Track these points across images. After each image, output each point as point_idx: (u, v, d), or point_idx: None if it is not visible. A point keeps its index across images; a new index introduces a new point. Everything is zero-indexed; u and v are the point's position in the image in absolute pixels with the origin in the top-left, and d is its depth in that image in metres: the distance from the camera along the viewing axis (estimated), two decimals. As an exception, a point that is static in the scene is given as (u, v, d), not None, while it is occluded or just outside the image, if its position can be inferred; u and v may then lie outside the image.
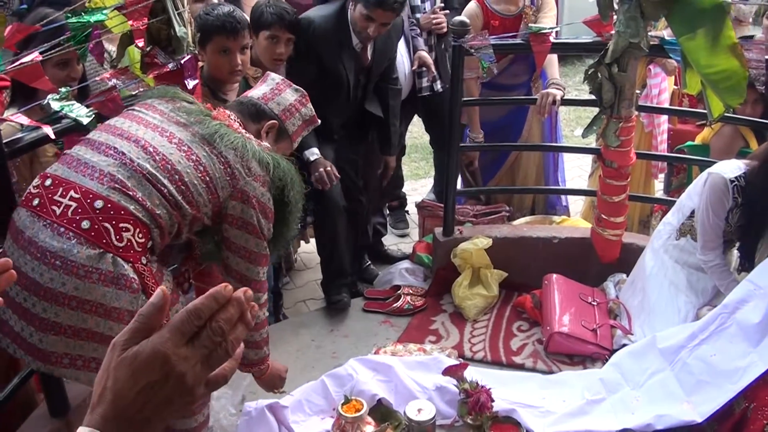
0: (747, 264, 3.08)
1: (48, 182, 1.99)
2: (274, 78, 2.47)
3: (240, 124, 2.28)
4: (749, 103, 3.57)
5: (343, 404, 2.59)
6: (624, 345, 3.12)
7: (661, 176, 4.79)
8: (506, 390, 2.85)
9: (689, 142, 4.05)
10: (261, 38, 3.18)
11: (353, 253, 3.83)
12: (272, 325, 3.44)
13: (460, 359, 3.07)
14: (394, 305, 3.51)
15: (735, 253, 3.22)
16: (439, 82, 4.11)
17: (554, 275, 3.44)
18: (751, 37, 3.85)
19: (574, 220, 4.19)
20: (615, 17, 3.08)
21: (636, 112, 3.34)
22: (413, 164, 6.25)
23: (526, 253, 3.66)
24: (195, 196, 2.07)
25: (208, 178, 2.09)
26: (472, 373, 2.77)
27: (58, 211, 1.93)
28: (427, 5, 4.13)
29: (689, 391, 2.75)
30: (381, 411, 2.74)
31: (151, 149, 2.04)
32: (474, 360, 3.17)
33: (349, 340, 3.34)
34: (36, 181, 2.02)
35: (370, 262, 4.20)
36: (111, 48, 3.06)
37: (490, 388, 2.68)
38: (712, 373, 2.73)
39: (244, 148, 2.15)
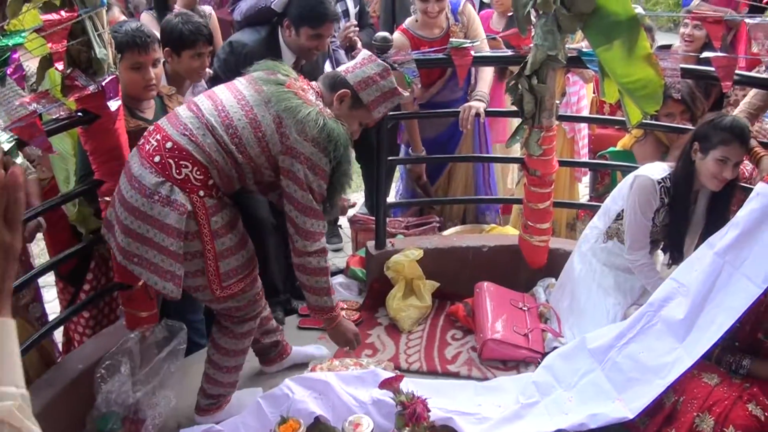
0: (677, 256, 3.21)
1: (151, 128, 2.55)
2: (363, 54, 2.70)
3: (317, 93, 2.61)
4: (677, 114, 3.70)
5: (279, 424, 2.57)
6: (555, 347, 3.20)
7: (585, 179, 4.93)
8: (442, 399, 2.88)
9: (611, 148, 4.17)
10: (185, 57, 3.17)
11: (285, 269, 3.82)
12: (206, 348, 3.40)
13: (397, 371, 3.09)
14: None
15: (660, 253, 3.34)
16: None
17: (485, 283, 3.50)
18: (669, 46, 4.01)
19: (503, 228, 4.28)
20: (533, 31, 3.16)
21: (557, 122, 3.43)
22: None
23: (457, 262, 3.72)
24: (247, 147, 2.47)
25: (260, 134, 2.47)
26: (408, 384, 2.79)
27: (147, 148, 2.48)
28: (342, 24, 4.19)
29: (620, 388, 2.83)
30: (319, 428, 2.74)
31: (221, 107, 2.48)
32: (410, 371, 3.19)
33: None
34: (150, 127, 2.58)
35: (304, 279, 4.20)
36: (31, 67, 2.99)
37: (426, 399, 2.71)
38: (641, 370, 2.82)
39: (298, 111, 2.45)
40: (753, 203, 2.77)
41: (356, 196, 5.78)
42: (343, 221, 4.91)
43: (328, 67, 3.99)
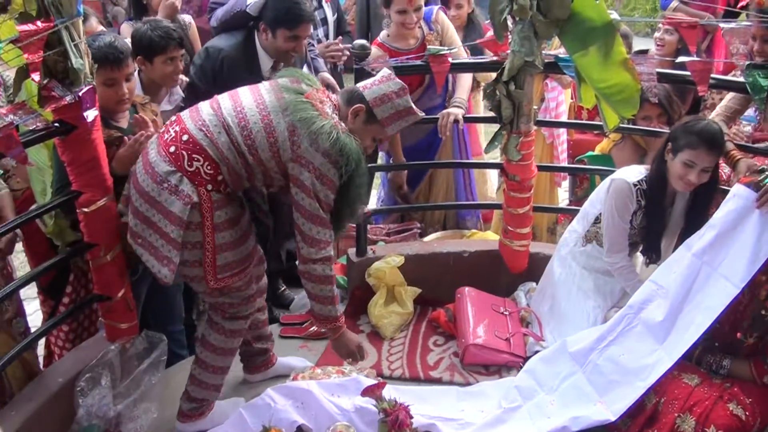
0: (655, 257, 3.24)
1: (173, 118, 2.65)
2: (383, 72, 2.74)
3: (335, 106, 2.67)
4: (654, 117, 3.73)
5: (262, 434, 2.57)
6: (537, 351, 3.22)
7: (564, 184, 4.96)
8: (425, 405, 2.89)
9: (590, 152, 4.20)
10: (157, 63, 3.15)
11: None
12: (187, 358, 3.37)
13: (379, 378, 3.09)
14: (311, 329, 3.50)
15: (639, 255, 3.37)
16: None
17: (466, 288, 3.51)
18: (646, 51, 4.04)
19: (484, 234, 4.29)
20: (510, 37, 3.18)
21: (535, 127, 3.45)
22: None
23: (438, 268, 3.73)
24: (258, 150, 2.54)
25: (272, 139, 2.53)
26: (391, 391, 2.79)
27: (165, 137, 2.59)
28: (320, 31, 4.20)
29: (601, 391, 2.85)
30: (302, 437, 2.74)
31: (239, 108, 2.56)
32: (392, 378, 3.20)
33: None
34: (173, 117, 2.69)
35: (285, 287, 4.19)
36: (11, 76, 2.97)
37: (408, 405, 2.71)
38: (622, 372, 2.85)
39: (313, 122, 2.51)
40: (729, 204, 2.81)
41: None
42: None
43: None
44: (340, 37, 4.42)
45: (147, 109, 3.04)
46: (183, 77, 3.44)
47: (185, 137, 2.55)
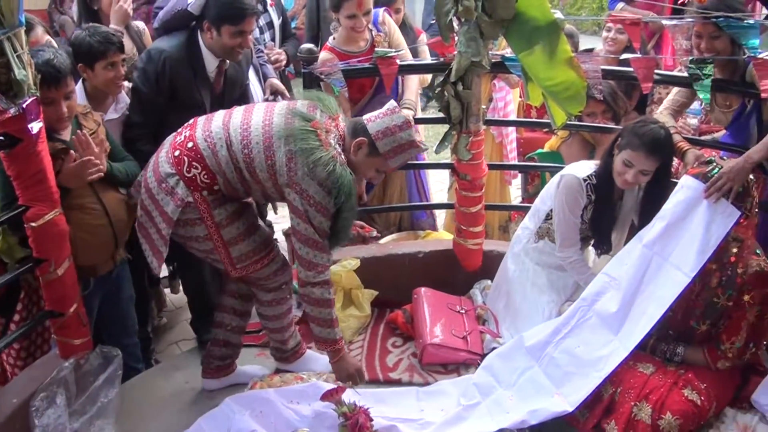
0: (606, 250, 3.30)
1: (191, 122, 2.78)
2: (389, 105, 2.79)
3: (340, 136, 2.73)
4: (599, 113, 3.79)
5: (221, 444, 2.55)
6: (494, 348, 3.24)
7: (515, 182, 5.01)
8: (385, 407, 2.89)
9: (539, 150, 4.25)
10: (98, 69, 3.10)
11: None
12: (144, 372, 3.34)
13: (339, 383, 3.09)
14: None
15: (591, 249, 3.42)
16: None
17: (422, 288, 3.51)
18: (591, 49, 4.11)
19: (438, 234, 4.31)
20: (456, 38, 3.21)
21: (484, 126, 3.48)
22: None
23: (394, 270, 3.73)
24: (257, 169, 2.64)
25: (270, 162, 2.61)
26: (350, 395, 2.79)
27: (177, 139, 2.73)
28: (267, 36, 4.18)
29: (558, 383, 2.89)
30: (262, 445, 2.72)
31: (246, 125, 2.66)
32: (352, 381, 3.19)
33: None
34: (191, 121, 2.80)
35: (241, 296, 4.15)
36: None
37: (368, 408, 2.71)
38: (578, 363, 2.89)
39: (312, 153, 2.57)
40: (678, 195, 2.87)
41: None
42: (278, 235, 4.87)
43: (253, 78, 3.97)
44: (271, 43, 4.41)
45: (89, 118, 2.98)
46: (126, 83, 3.38)
47: (190, 144, 2.67)
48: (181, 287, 4.00)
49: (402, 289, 3.59)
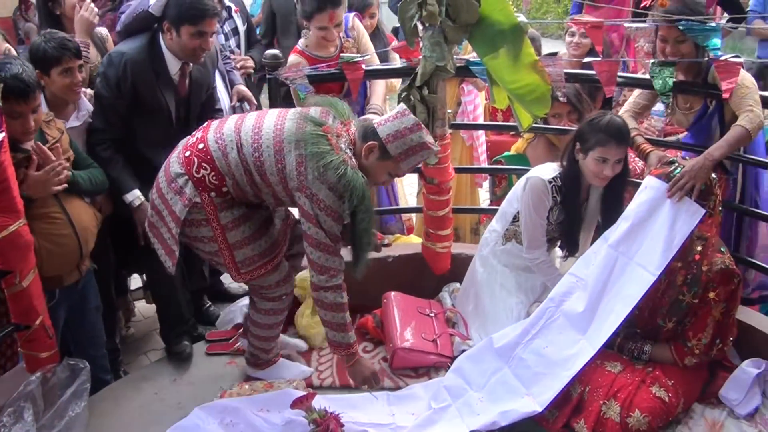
0: (573, 251, 3.32)
1: (205, 124, 2.84)
2: (399, 108, 2.77)
3: (351, 141, 2.73)
4: (564, 114, 3.82)
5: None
6: (463, 351, 3.25)
7: (486, 184, 5.03)
8: (356, 413, 2.89)
9: (506, 153, 4.28)
10: (54, 75, 3.03)
11: (189, 296, 3.74)
12: (112, 384, 3.29)
13: (309, 389, 3.07)
14: (238, 344, 3.45)
15: (558, 250, 3.45)
16: None
17: (392, 293, 3.52)
18: (555, 53, 4.15)
19: (407, 238, 4.32)
20: (421, 43, 3.22)
21: (450, 130, 3.50)
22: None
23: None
24: (267, 173, 2.66)
25: (280, 166, 2.63)
26: (321, 401, 2.79)
27: (190, 140, 2.78)
28: (232, 42, 4.17)
29: (528, 384, 2.91)
30: (232, 454, 2.71)
31: (257, 129, 2.68)
32: (323, 387, 3.18)
33: (194, 388, 3.23)
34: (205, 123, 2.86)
35: (210, 304, 4.13)
36: None
37: (339, 414, 2.71)
38: (546, 364, 2.91)
39: (322, 157, 2.57)
40: (642, 195, 2.91)
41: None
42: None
43: (220, 84, 3.94)
44: (238, 50, 4.40)
45: (52, 126, 2.93)
46: (88, 90, 3.33)
47: (201, 145, 2.71)
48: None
49: (371, 293, 3.59)
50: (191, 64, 3.37)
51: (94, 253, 3.10)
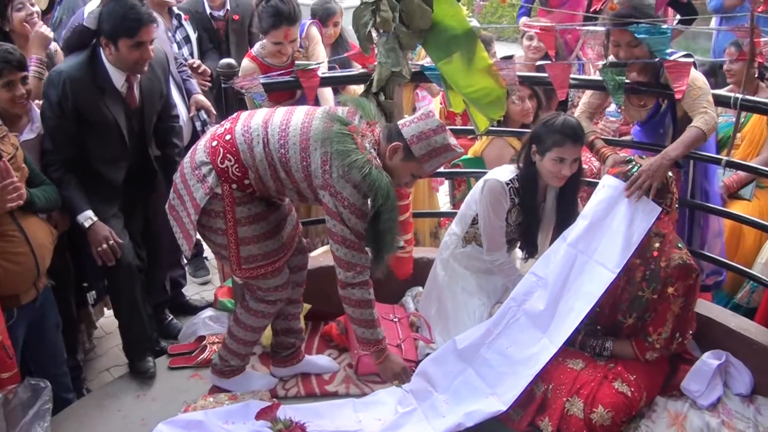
0: (533, 251, 3.35)
1: (234, 115, 2.87)
2: (424, 110, 2.82)
3: (375, 141, 2.75)
4: (526, 97, 3.92)
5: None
6: (428, 354, 3.25)
7: (442, 189, 5.06)
8: (322, 421, 2.88)
9: (464, 156, 4.31)
10: None
11: (151, 310, 3.69)
12: (75, 402, 3.24)
13: (274, 399, 3.06)
14: (201, 357, 3.41)
15: (518, 251, 3.47)
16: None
17: (355, 299, 3.52)
18: (511, 56, 4.20)
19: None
20: (376, 49, 3.23)
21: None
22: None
23: (326, 281, 3.67)
24: (293, 169, 2.69)
25: (305, 163, 2.66)
26: (287, 411, 2.78)
27: (218, 130, 2.80)
28: (185, 50, 4.14)
29: (492, 383, 2.93)
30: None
31: (285, 126, 2.71)
32: (288, 398, 3.16)
33: (157, 403, 3.19)
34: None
35: (172, 317, 4.08)
36: None
37: (304, 423, 2.70)
38: (509, 363, 2.93)
39: (348, 155, 2.59)
40: (599, 194, 2.95)
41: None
42: (208, 253, 4.82)
43: (176, 94, 3.90)
44: (192, 59, 4.40)
45: (6, 142, 2.86)
46: (37, 102, 3.25)
47: (228, 137, 2.73)
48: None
49: (335, 300, 3.52)
50: (138, 74, 3.29)
51: (52, 268, 3.06)
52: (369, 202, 2.68)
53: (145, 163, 3.52)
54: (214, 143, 2.74)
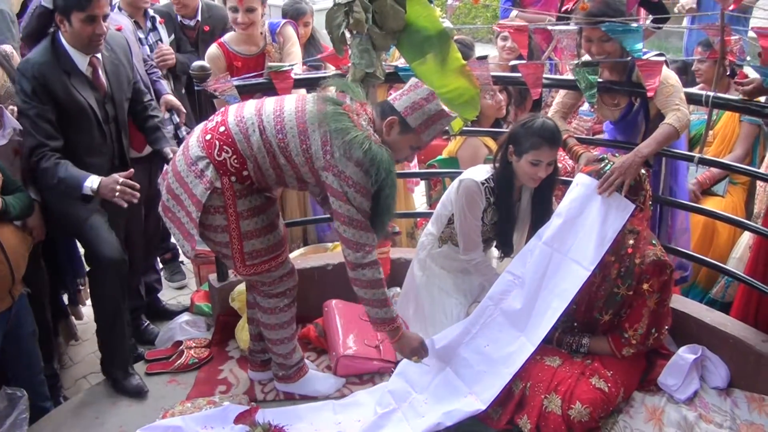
0: (508, 250, 3.35)
1: (222, 109, 2.86)
2: (411, 81, 2.81)
3: (369, 119, 2.74)
4: (498, 90, 3.93)
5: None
6: (406, 355, 3.26)
7: (418, 190, 5.07)
8: (301, 424, 2.88)
9: (439, 157, 4.32)
10: None
11: (128, 317, 3.63)
12: (52, 411, 3.20)
13: (252, 403, 3.05)
14: (178, 362, 3.40)
15: (494, 250, 3.49)
16: (184, 128, 4.09)
17: (333, 301, 3.53)
18: (485, 57, 4.22)
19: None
20: (349, 51, 3.23)
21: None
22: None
23: (303, 284, 3.66)
24: (292, 154, 2.67)
25: (305, 146, 2.65)
26: (266, 414, 2.77)
27: (209, 125, 2.77)
28: (146, 49, 4.13)
29: (470, 383, 2.94)
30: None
31: (279, 113, 2.69)
32: (267, 401, 3.16)
33: (135, 410, 3.17)
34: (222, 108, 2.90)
35: (148, 322, 4.04)
36: None
37: (284, 426, 2.70)
38: (488, 362, 2.95)
39: (347, 133, 2.58)
40: (573, 192, 2.97)
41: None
42: (185, 257, 4.79)
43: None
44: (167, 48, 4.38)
45: None
46: (15, 108, 3.22)
47: (222, 129, 2.70)
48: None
49: (312, 302, 3.58)
50: (100, 57, 3.25)
51: (27, 276, 3.02)
52: (371, 179, 2.66)
53: (125, 159, 3.47)
54: (208, 137, 2.71)
